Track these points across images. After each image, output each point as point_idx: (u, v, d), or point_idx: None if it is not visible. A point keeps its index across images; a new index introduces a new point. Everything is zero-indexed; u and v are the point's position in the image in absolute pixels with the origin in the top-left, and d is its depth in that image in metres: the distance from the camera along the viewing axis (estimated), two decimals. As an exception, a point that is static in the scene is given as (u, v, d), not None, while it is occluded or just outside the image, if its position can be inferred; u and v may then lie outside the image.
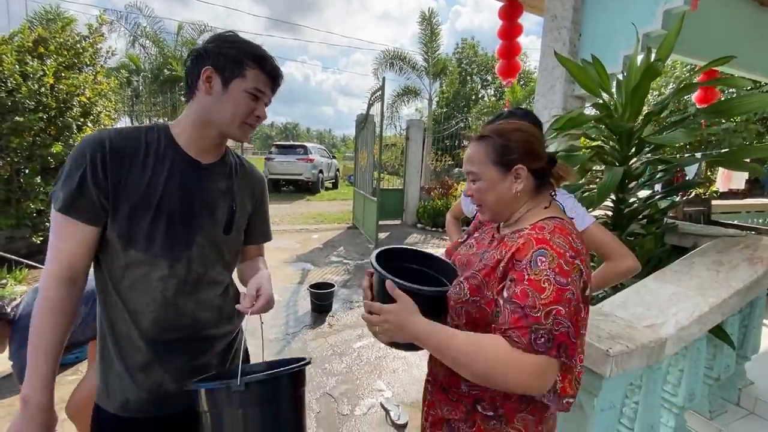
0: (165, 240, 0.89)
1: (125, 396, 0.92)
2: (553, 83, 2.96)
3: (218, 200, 0.98)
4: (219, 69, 0.88)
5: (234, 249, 1.06)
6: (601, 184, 1.77)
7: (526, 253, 0.76)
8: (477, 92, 20.97)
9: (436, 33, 10.87)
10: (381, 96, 5.91)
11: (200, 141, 0.94)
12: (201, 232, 0.94)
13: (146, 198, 0.87)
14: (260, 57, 0.91)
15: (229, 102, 0.89)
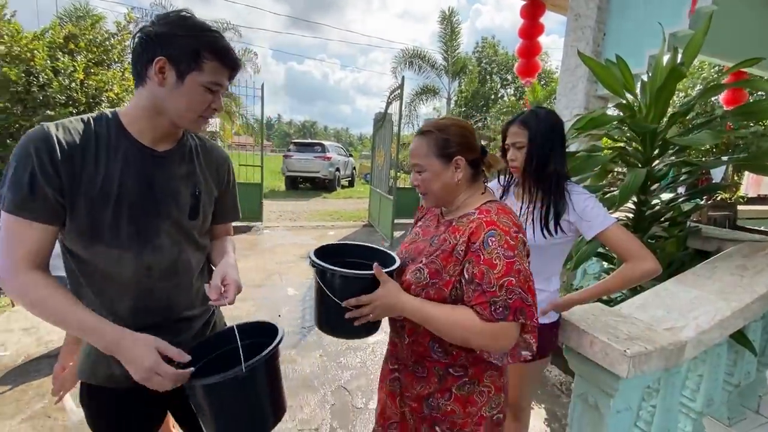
0: (130, 231, 0.88)
1: (109, 369, 0.94)
2: (575, 83, 2.92)
3: (180, 186, 0.96)
4: (173, 60, 0.83)
5: (203, 231, 1.06)
6: (624, 186, 1.75)
7: (479, 236, 0.89)
8: (496, 92, 20.74)
9: (456, 32, 10.80)
10: (399, 95, 5.92)
11: (153, 130, 0.91)
12: (167, 220, 0.94)
13: (103, 191, 0.85)
14: (220, 49, 0.86)
15: (184, 96, 0.85)
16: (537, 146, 1.34)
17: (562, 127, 1.39)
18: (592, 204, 1.32)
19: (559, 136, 1.37)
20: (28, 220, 0.79)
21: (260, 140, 7.54)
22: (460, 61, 11.87)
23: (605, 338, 1.26)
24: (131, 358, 0.81)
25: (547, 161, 1.34)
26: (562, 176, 1.37)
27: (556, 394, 2.53)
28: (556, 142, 1.35)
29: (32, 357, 2.69)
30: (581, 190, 1.38)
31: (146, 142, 0.91)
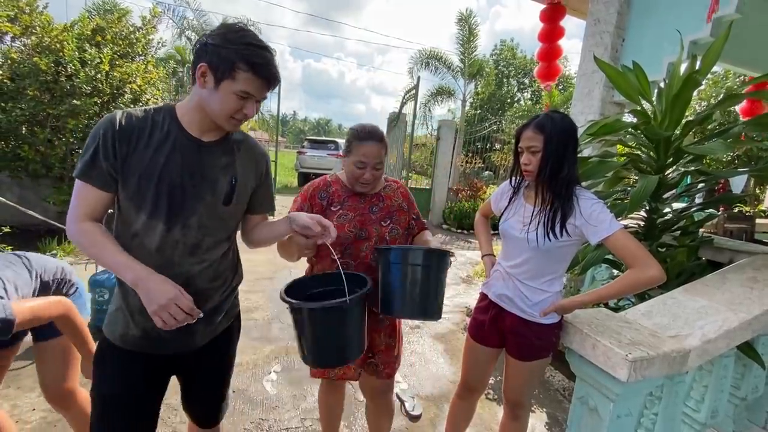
0: (167, 206, 1.01)
1: (125, 330, 1.07)
2: (591, 88, 2.91)
3: (219, 174, 1.09)
4: (213, 67, 0.96)
5: (236, 218, 1.19)
6: (635, 192, 1.75)
7: (406, 193, 1.60)
8: (513, 95, 20.55)
9: (474, 34, 10.73)
10: (415, 95, 5.94)
11: (199, 123, 1.05)
12: (202, 203, 1.06)
13: (150, 169, 0.99)
14: (254, 64, 0.97)
15: (218, 99, 0.98)
16: (552, 151, 1.34)
17: (576, 132, 1.39)
18: (599, 209, 1.33)
19: (573, 141, 1.38)
20: (88, 184, 0.98)
21: (275, 136, 7.64)
22: (476, 64, 11.80)
23: (607, 342, 1.26)
24: (155, 289, 0.94)
25: (561, 166, 1.35)
26: (573, 181, 1.38)
27: (558, 398, 2.52)
28: (569, 148, 1.36)
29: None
30: (589, 195, 1.39)
31: (194, 133, 1.05)
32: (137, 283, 0.95)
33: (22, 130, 4.50)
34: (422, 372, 2.73)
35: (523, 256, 1.46)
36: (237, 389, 2.34)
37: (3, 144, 4.57)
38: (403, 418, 2.23)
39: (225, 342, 1.29)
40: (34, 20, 4.53)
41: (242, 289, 2.35)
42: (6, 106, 4.42)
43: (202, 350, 1.20)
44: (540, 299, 1.46)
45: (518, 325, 1.49)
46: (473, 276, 5.09)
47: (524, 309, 1.47)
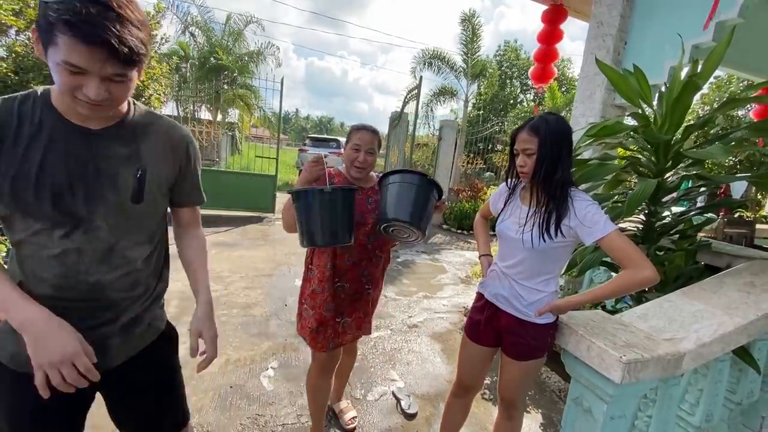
0: (55, 212, 0.83)
1: (18, 348, 0.85)
2: (593, 90, 2.91)
3: (119, 167, 0.89)
4: (40, 32, 0.74)
5: (155, 216, 1.00)
6: (632, 195, 1.75)
7: None
8: (516, 96, 20.53)
9: (477, 34, 10.72)
10: (417, 95, 5.94)
11: (73, 108, 0.82)
12: (102, 203, 0.88)
13: (24, 171, 0.80)
14: (72, 24, 0.69)
15: (53, 72, 0.75)
16: (546, 154, 1.36)
17: (570, 134, 1.39)
18: (594, 210, 1.34)
19: (567, 143, 1.39)
20: None
21: (277, 134, 7.65)
22: (479, 64, 11.78)
23: (602, 344, 1.27)
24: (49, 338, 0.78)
25: (555, 168, 1.36)
26: (568, 182, 1.39)
27: (554, 400, 2.53)
28: (564, 150, 1.37)
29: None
30: (584, 197, 1.40)
31: (75, 120, 0.84)
32: (26, 327, 0.78)
33: (24, 124, 4.50)
34: (419, 371, 2.74)
35: (519, 257, 1.48)
36: (234, 385, 2.35)
37: (5, 137, 4.58)
38: (399, 416, 2.24)
39: (157, 355, 1.10)
40: (38, 14, 4.54)
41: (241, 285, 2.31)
42: (9, 100, 4.43)
43: (126, 366, 1.02)
44: (535, 299, 1.47)
45: (514, 324, 1.51)
46: (472, 276, 5.10)
47: (520, 309, 1.49)
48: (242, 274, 4.24)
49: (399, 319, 3.56)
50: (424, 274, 5.01)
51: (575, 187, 1.43)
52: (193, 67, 14.81)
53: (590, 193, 2.31)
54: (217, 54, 14.25)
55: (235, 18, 15.46)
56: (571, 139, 1.39)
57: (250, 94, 15.12)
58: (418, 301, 4.04)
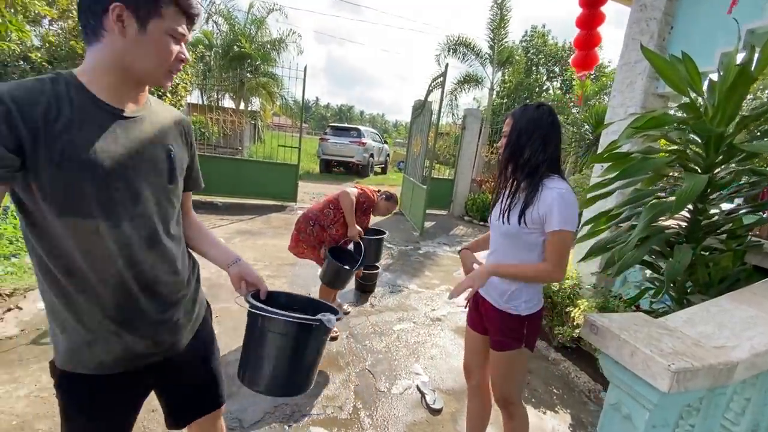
0: (106, 201, 0.81)
1: (99, 359, 0.88)
2: (633, 79, 2.75)
3: (155, 149, 0.90)
4: (132, 6, 0.76)
5: (179, 197, 1.01)
6: (681, 192, 1.64)
7: None
8: (541, 84, 19.86)
9: (506, 19, 10.36)
10: (442, 82, 5.80)
11: (119, 89, 0.83)
12: (149, 187, 0.88)
13: (67, 157, 0.75)
14: None
15: (149, 46, 0.79)
16: (514, 137, 1.44)
17: (549, 124, 1.43)
18: (559, 203, 1.35)
19: (540, 131, 1.42)
20: None
21: (299, 122, 7.65)
22: (506, 51, 11.39)
23: (648, 350, 1.20)
24: None
25: (522, 151, 1.43)
26: (537, 168, 1.42)
27: (583, 400, 2.47)
28: (534, 135, 1.42)
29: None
30: (556, 186, 1.38)
31: (112, 102, 0.83)
32: None
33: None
34: (443, 365, 2.72)
35: (496, 243, 1.56)
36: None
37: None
38: (424, 411, 2.23)
39: (204, 328, 1.15)
40: (71, 4, 4.64)
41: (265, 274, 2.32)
42: (45, 89, 4.58)
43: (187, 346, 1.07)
44: (508, 289, 1.50)
45: (491, 312, 1.56)
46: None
47: (495, 298, 1.54)
48: (266, 262, 4.29)
49: (422, 312, 3.54)
50: (446, 267, 4.96)
51: (559, 177, 1.44)
52: (217, 56, 14.93)
53: (630, 188, 2.19)
54: (240, 42, 14.31)
55: (258, 6, 15.47)
56: (548, 129, 1.43)
57: (272, 82, 15.16)
58: (441, 294, 4.01)
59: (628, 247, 1.89)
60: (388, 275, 4.42)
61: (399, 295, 3.90)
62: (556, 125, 1.46)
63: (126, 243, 0.85)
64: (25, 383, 2.12)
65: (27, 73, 4.68)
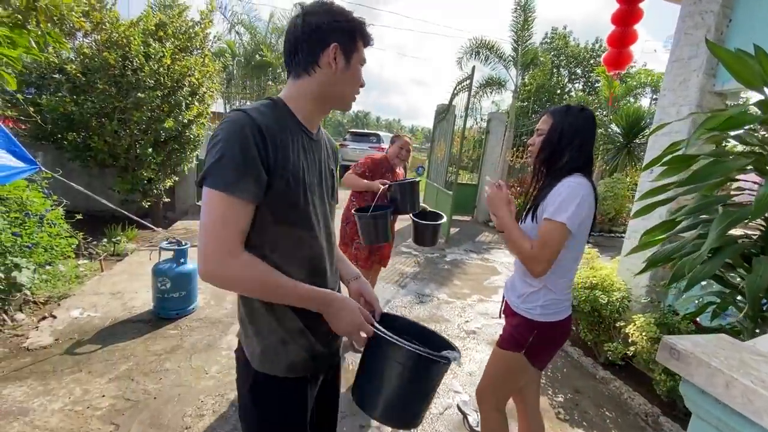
0: (311, 210, 0.94)
1: (290, 359, 0.96)
2: (687, 76, 2.56)
3: (326, 169, 1.05)
4: (343, 46, 0.91)
5: None
6: (760, 197, 1.48)
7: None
8: (563, 86, 19.42)
9: (529, 21, 10.14)
10: (468, 86, 5.68)
11: (316, 116, 0.98)
12: (329, 200, 1.05)
13: (294, 173, 0.89)
14: (365, 30, 0.95)
15: (351, 77, 0.95)
16: (555, 139, 1.39)
17: (589, 131, 1.39)
18: (560, 193, 1.30)
19: (581, 136, 1.38)
20: (243, 199, 0.81)
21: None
22: (530, 52, 11.15)
23: (748, 381, 1.04)
24: (342, 315, 0.93)
25: (562, 153, 1.38)
26: (568, 171, 1.36)
27: (640, 425, 2.27)
28: (577, 140, 1.37)
29: (118, 320, 2.92)
30: (571, 181, 1.33)
31: (308, 126, 0.97)
32: (324, 309, 0.92)
33: (92, 123, 4.74)
34: (482, 382, 2.57)
35: None
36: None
37: (75, 135, 4.84)
38: (467, 433, 2.08)
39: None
40: (104, 17, 4.74)
41: None
42: (78, 99, 4.68)
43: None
44: (524, 292, 1.45)
45: (508, 311, 1.53)
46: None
47: (513, 300, 1.50)
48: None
49: (455, 324, 3.40)
50: (475, 275, 4.80)
51: (582, 174, 1.38)
52: (239, 65, 15.23)
53: (691, 195, 2.02)
54: (262, 51, 14.56)
55: (278, 15, 15.75)
56: (588, 136, 1.39)
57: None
58: (473, 305, 3.85)
59: (699, 259, 1.72)
60: (416, 284, 4.29)
61: (429, 305, 3.77)
62: (594, 132, 1.43)
63: (319, 249, 0.97)
64: (60, 395, 2.09)
65: (62, 84, 4.79)
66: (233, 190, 0.79)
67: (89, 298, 3.23)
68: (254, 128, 0.82)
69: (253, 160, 0.81)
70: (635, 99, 13.14)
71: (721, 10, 2.44)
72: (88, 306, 3.09)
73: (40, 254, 3.05)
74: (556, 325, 1.43)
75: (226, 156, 0.80)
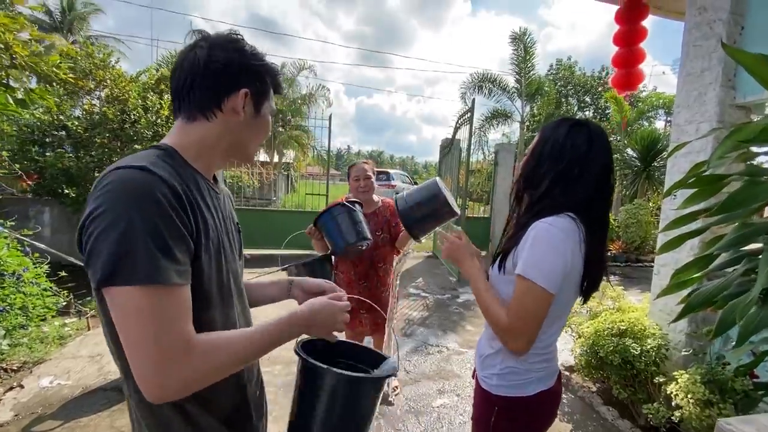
0: (231, 284, 0.79)
1: None
2: (702, 90, 2.30)
3: (233, 224, 0.88)
4: (254, 92, 0.78)
5: None
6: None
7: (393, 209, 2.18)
8: (573, 114, 19.37)
9: (530, 52, 10.19)
10: (470, 118, 5.54)
11: (213, 166, 0.81)
12: (239, 260, 0.88)
13: (213, 239, 0.73)
14: (277, 76, 0.83)
15: (259, 128, 0.82)
16: (534, 159, 1.07)
17: (587, 152, 1.01)
18: (534, 239, 0.96)
19: (570, 160, 1.01)
20: (177, 284, 0.62)
21: (326, 170, 7.60)
22: (534, 83, 11.14)
23: None
24: (322, 318, 0.82)
25: (539, 179, 1.04)
26: (551, 207, 1.00)
27: None
28: (558, 165, 1.01)
29: (89, 388, 2.66)
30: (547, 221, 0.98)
31: (207, 175, 0.81)
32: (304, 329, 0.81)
33: (91, 176, 4.76)
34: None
35: None
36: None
37: (74, 189, 4.86)
38: None
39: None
40: (106, 74, 4.89)
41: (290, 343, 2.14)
42: (78, 155, 4.74)
43: None
44: (483, 353, 1.16)
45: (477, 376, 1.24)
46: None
47: (477, 361, 1.20)
48: (289, 320, 3.95)
49: (466, 380, 2.99)
50: (489, 318, 4.38)
51: (568, 215, 1.00)
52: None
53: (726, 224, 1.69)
54: (273, 100, 15.16)
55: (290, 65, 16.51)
56: (581, 159, 1.01)
57: (303, 134, 15.77)
58: (487, 354, 3.44)
59: (751, 303, 1.37)
60: (422, 331, 3.91)
61: (437, 356, 3.37)
62: (596, 156, 1.02)
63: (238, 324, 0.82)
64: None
65: (64, 140, 4.88)
66: (162, 275, 0.59)
67: (65, 362, 3.00)
68: (164, 188, 0.62)
69: (176, 229, 0.62)
70: (648, 122, 12.86)
71: (731, 18, 2.21)
72: (61, 372, 2.85)
73: (14, 317, 2.87)
74: (522, 402, 1.07)
75: (135, 233, 0.58)
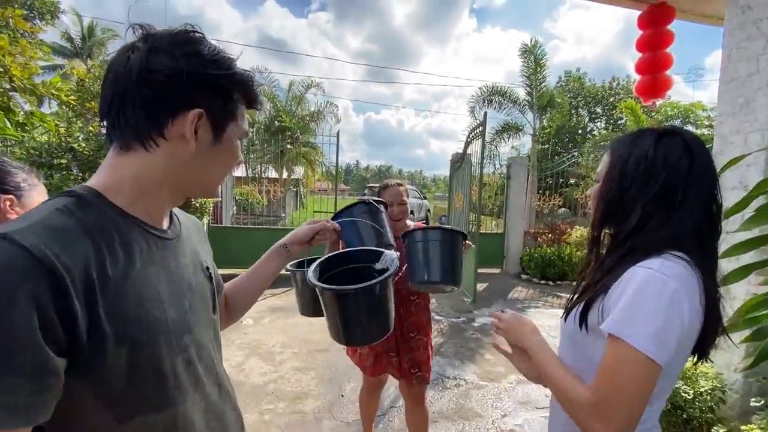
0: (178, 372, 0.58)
1: None
2: (749, 97, 2.06)
3: (198, 274, 0.70)
4: (213, 110, 0.59)
5: None
6: None
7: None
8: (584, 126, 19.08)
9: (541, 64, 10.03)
10: (482, 132, 5.34)
11: (163, 206, 0.63)
12: (204, 331, 0.66)
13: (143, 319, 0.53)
14: (251, 89, 0.64)
15: (224, 156, 0.64)
16: (612, 184, 0.84)
17: (680, 165, 0.77)
18: (634, 289, 0.72)
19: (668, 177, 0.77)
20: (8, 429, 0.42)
21: (335, 185, 7.46)
22: (546, 95, 10.95)
23: None
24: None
25: (623, 213, 0.81)
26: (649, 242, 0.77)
27: None
28: (650, 185, 0.78)
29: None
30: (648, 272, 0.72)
31: (153, 222, 0.62)
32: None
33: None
34: None
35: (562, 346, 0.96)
36: None
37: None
38: None
39: None
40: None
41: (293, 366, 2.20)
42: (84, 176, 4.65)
43: None
44: (558, 421, 0.91)
45: None
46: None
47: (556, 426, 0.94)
48: (295, 349, 3.71)
49: (489, 420, 2.69)
50: (509, 344, 4.08)
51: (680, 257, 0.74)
52: (259, 131, 15.91)
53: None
54: (281, 117, 15.20)
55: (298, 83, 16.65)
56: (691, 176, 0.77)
57: (312, 151, 15.79)
58: (511, 390, 3.12)
59: None
60: (439, 360, 3.62)
61: (456, 391, 3.08)
62: (701, 173, 0.78)
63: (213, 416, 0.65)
64: None
65: (70, 162, 4.81)
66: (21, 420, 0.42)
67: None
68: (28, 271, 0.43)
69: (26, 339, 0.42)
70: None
71: (781, 16, 1.98)
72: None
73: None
74: None
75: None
